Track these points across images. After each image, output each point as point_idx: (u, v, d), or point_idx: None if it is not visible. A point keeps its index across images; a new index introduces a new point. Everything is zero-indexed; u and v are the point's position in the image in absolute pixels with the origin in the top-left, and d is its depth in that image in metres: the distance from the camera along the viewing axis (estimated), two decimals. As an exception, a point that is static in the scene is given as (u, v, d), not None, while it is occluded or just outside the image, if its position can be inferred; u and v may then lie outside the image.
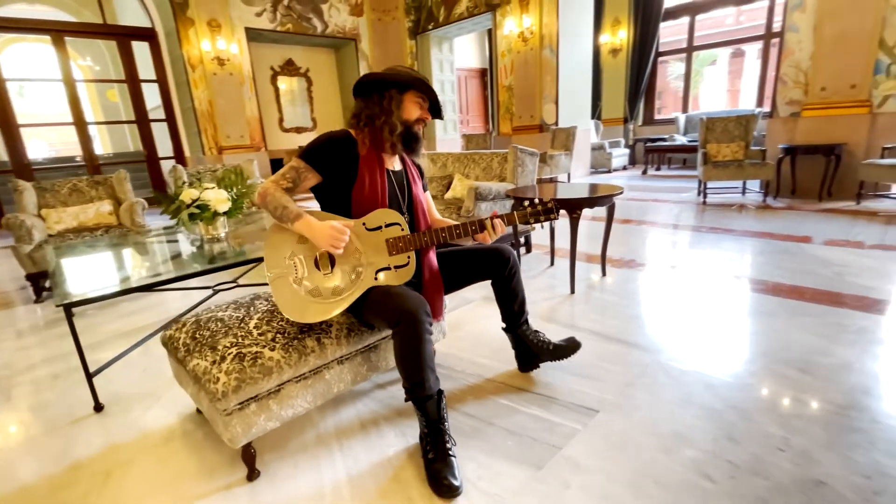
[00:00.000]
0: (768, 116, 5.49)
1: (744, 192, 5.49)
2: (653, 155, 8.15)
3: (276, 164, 8.56)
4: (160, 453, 1.50)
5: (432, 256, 1.58)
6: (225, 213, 2.53)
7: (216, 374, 1.24)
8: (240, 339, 1.35)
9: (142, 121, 7.29)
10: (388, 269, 1.44)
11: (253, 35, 7.43)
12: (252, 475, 1.34)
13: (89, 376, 1.75)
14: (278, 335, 1.38)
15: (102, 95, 10.30)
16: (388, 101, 1.44)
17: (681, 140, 8.25)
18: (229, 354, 1.29)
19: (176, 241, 2.75)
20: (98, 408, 1.76)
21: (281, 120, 8.72)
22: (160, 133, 7.49)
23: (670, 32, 10.84)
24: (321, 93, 9.19)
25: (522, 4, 7.12)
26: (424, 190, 1.67)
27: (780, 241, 3.45)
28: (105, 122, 10.31)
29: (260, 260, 2.21)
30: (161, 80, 7.24)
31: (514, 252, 1.72)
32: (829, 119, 4.79)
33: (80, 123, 6.82)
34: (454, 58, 9.29)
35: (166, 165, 7.54)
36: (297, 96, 8.89)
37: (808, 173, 4.96)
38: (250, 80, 7.42)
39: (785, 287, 2.54)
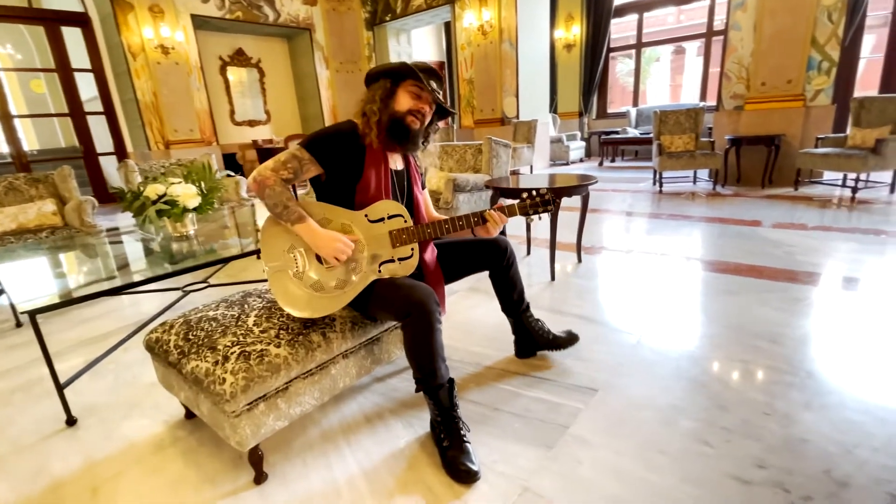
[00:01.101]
0: (714, 110, 5.85)
1: (695, 181, 5.84)
2: (608, 147, 8.48)
3: (229, 159, 8.16)
4: (151, 463, 1.41)
5: (432, 249, 1.58)
6: (194, 209, 2.40)
7: (221, 374, 1.18)
8: (241, 338, 1.29)
9: (76, 113, 6.71)
10: (391, 261, 1.42)
11: (200, 22, 7.02)
12: (260, 478, 1.28)
13: (60, 388, 1.61)
14: (282, 331, 1.33)
15: (26, 87, 9.37)
16: (381, 91, 1.40)
17: (633, 133, 8.62)
18: (232, 354, 1.23)
19: (136, 241, 2.57)
20: (70, 421, 1.62)
21: (232, 112, 8.31)
22: (97, 127, 6.93)
23: (619, 30, 11.27)
24: (275, 84, 8.83)
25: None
26: (423, 188, 1.65)
27: (733, 225, 3.70)
28: (33, 116, 9.40)
29: (231, 259, 2.13)
30: (97, 70, 6.70)
31: (510, 243, 1.74)
32: (769, 112, 5.17)
33: (6, 117, 6.19)
34: (412, 50, 9.21)
35: (105, 162, 7.01)
36: (249, 88, 8.50)
37: (752, 162, 5.34)
38: (198, 70, 7.01)
39: (744, 267, 2.73)
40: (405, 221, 1.44)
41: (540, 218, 1.55)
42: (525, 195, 1.51)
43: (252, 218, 3.28)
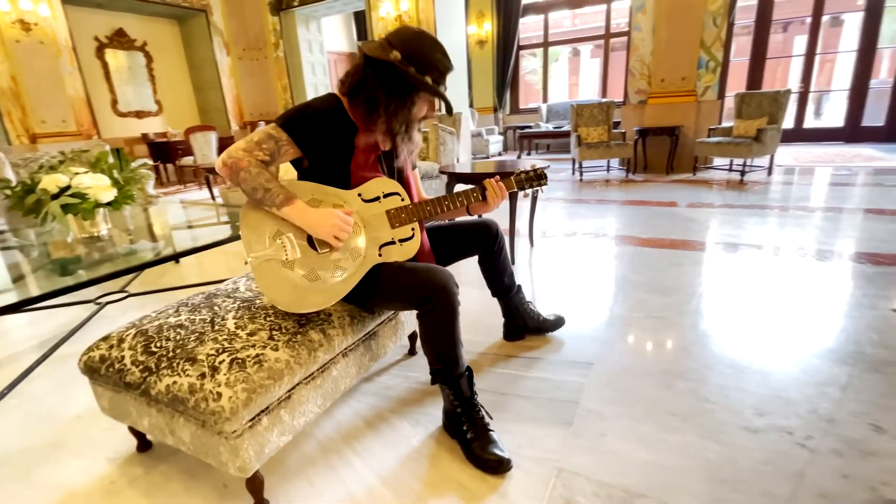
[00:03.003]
0: (621, 104, 6.36)
1: (608, 170, 6.30)
2: (525, 140, 8.84)
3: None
4: (107, 512, 1.13)
5: (423, 233, 1.46)
6: (108, 204, 2.00)
7: (214, 389, 0.96)
8: (226, 344, 1.08)
9: None
10: (392, 243, 1.29)
11: (69, -5, 5.99)
12: (261, 506, 1.09)
13: (-49, 436, 1.22)
14: (275, 332, 1.14)
15: None
16: (409, 103, 1.23)
17: (546, 127, 9.09)
18: (221, 363, 1.02)
19: (16, 246, 2.09)
20: (-30, 478, 1.25)
21: (115, 102, 7.23)
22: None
23: (525, 29, 11.81)
24: (166, 70, 7.85)
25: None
26: (413, 168, 1.52)
27: (655, 206, 4.05)
28: None
29: (152, 264, 1.82)
30: (-74, 45, 5.39)
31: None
32: (669, 106, 5.74)
33: None
34: (322, 38, 8.76)
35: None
36: (136, 74, 7.45)
37: (656, 151, 5.89)
38: (69, 51, 5.97)
39: (678, 242, 2.98)
40: (402, 200, 1.31)
41: (532, 193, 1.52)
42: (519, 171, 1.48)
43: (165, 218, 2.85)
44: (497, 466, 1.15)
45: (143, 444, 1.32)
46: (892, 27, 7.19)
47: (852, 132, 7.32)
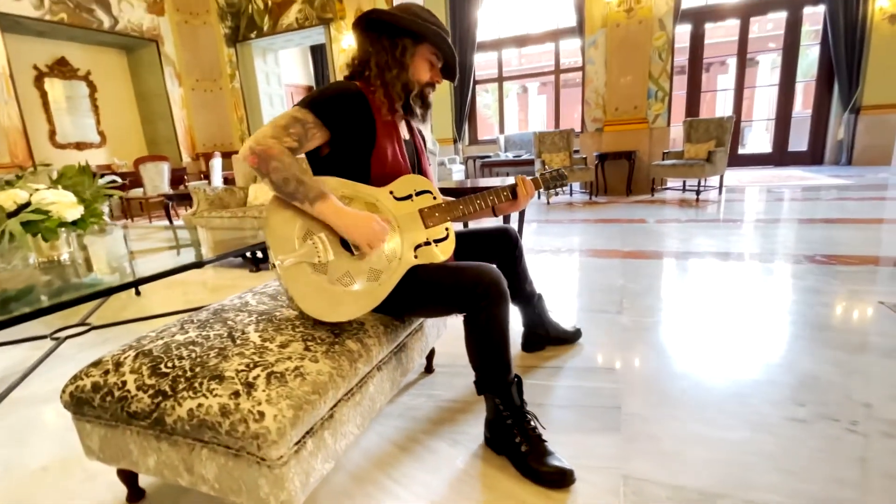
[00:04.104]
0: (579, 133, 6.68)
1: (571, 193, 6.52)
2: (486, 168, 9.05)
3: (51, 191, 6.50)
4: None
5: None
6: (73, 224, 1.77)
7: (253, 408, 0.82)
8: (256, 358, 0.93)
9: None
10: (427, 244, 1.20)
11: (9, 23, 5.57)
12: (300, 550, 0.92)
13: None
14: (309, 343, 1.00)
15: None
16: (400, 51, 1.18)
17: (505, 156, 9.37)
18: (256, 378, 0.87)
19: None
20: None
21: (53, 133, 6.70)
22: None
23: (478, 65, 12.33)
24: (110, 101, 7.42)
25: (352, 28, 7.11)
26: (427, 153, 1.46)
27: (626, 223, 4.19)
28: None
29: (118, 289, 1.61)
30: None
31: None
32: (624, 132, 6.08)
33: None
34: (280, 70, 8.68)
35: None
36: (77, 104, 6.98)
37: (615, 175, 6.18)
38: (6, 79, 5.51)
39: (662, 252, 3.07)
40: (434, 198, 1.24)
41: (557, 193, 1.50)
42: (542, 171, 1.46)
43: (124, 244, 2.58)
44: (559, 480, 1.05)
45: (135, 493, 1.10)
46: (803, 63, 8.12)
47: (780, 157, 8.07)
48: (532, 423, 1.15)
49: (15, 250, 1.78)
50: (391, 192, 1.19)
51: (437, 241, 1.22)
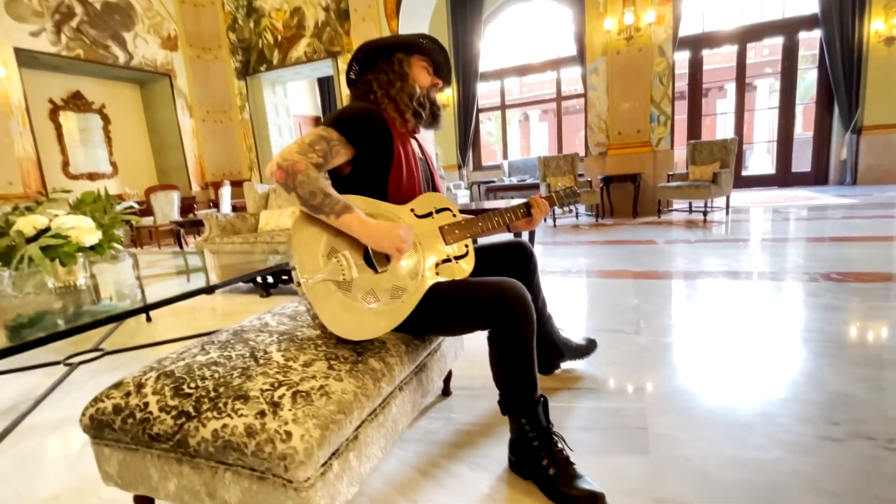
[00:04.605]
0: (583, 158, 6.76)
1: (577, 216, 6.54)
2: (491, 193, 9.14)
3: (63, 220, 6.59)
4: None
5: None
6: (92, 248, 1.78)
7: (280, 427, 0.80)
8: (281, 378, 0.92)
9: None
10: (448, 260, 1.20)
11: (27, 59, 5.79)
12: (325, 580, 0.88)
13: None
14: (332, 362, 0.99)
15: None
16: (398, 65, 1.25)
17: (509, 180, 9.47)
18: (282, 398, 0.86)
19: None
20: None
21: (66, 164, 6.84)
22: None
23: (481, 94, 12.64)
24: (123, 133, 7.60)
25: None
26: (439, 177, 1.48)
27: (636, 245, 4.18)
28: None
29: (128, 315, 1.61)
30: None
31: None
32: (628, 156, 6.15)
33: None
34: (289, 102, 8.90)
35: None
36: (90, 136, 7.16)
37: (621, 197, 6.21)
38: (22, 112, 5.68)
39: (674, 273, 3.05)
40: (453, 216, 1.25)
41: (570, 210, 1.51)
42: (555, 189, 1.47)
43: (135, 270, 2.59)
44: (590, 502, 1.01)
45: (152, 522, 1.07)
46: (801, 86, 8.26)
47: (784, 178, 8.11)
48: (559, 444, 1.12)
49: (30, 276, 1.80)
50: (412, 210, 1.19)
51: (457, 258, 1.22)
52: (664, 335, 2.00)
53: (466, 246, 1.24)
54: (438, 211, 1.23)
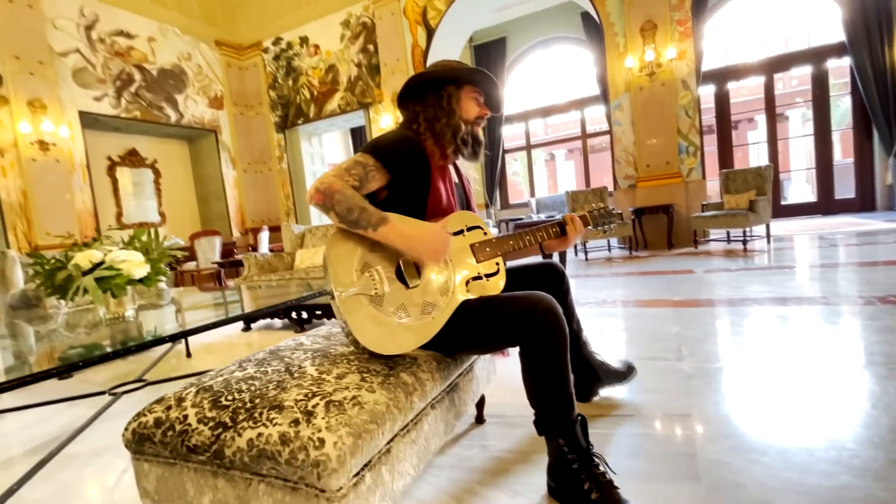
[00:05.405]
0: (611, 193, 6.73)
1: (609, 249, 6.43)
2: (519, 230, 9.16)
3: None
4: None
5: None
6: (141, 281, 1.89)
7: (313, 435, 0.80)
8: (314, 389, 0.93)
9: None
10: (479, 278, 1.20)
11: (89, 121, 6.40)
12: None
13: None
14: (364, 375, 0.99)
15: None
16: (447, 100, 1.27)
17: (538, 217, 9.47)
18: (315, 407, 0.86)
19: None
20: None
21: (120, 214, 7.35)
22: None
23: (507, 136, 12.97)
24: (172, 185, 8.16)
25: (394, 101, 7.72)
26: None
27: (672, 275, 4.05)
28: None
29: (168, 340, 1.67)
30: (-58, 169, 5.56)
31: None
32: (658, 187, 6.08)
33: None
34: (324, 151, 9.38)
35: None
36: (143, 189, 7.71)
37: (654, 229, 6.09)
38: (83, 168, 6.21)
39: (715, 300, 2.92)
40: (485, 234, 1.26)
41: (605, 231, 1.49)
42: (589, 208, 1.47)
43: (177, 304, 2.70)
44: (638, 529, 0.94)
45: (185, 545, 1.06)
46: (836, 114, 8.07)
47: (827, 205, 7.78)
48: (601, 467, 1.06)
49: (82, 315, 1.90)
50: (444, 227, 1.22)
51: (488, 276, 1.22)
52: (710, 361, 1.90)
53: (497, 264, 1.25)
54: (470, 229, 1.25)
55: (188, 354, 2.91)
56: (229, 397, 0.96)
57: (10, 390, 1.00)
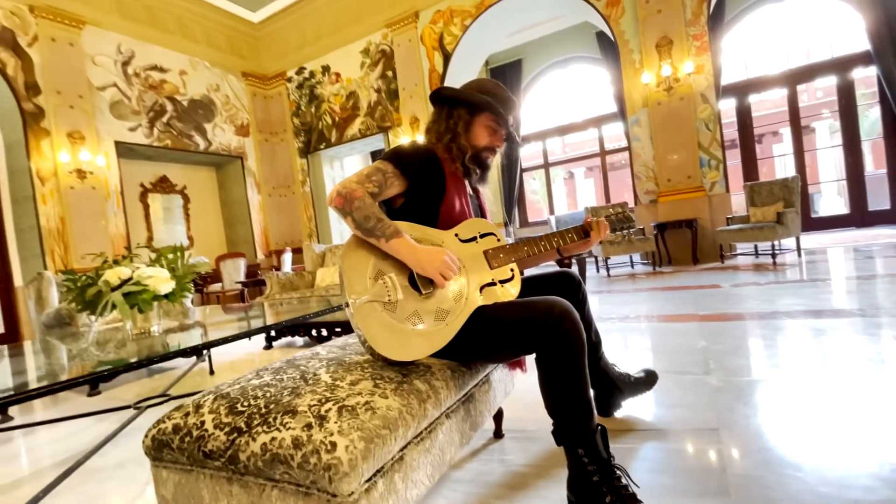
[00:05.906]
0: (632, 209, 6.64)
1: (632, 265, 6.31)
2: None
3: (144, 289, 7.23)
4: None
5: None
6: (166, 297, 1.95)
7: (325, 439, 0.79)
8: (328, 394, 0.93)
9: (-49, 246, 5.67)
10: (493, 284, 1.20)
11: (124, 150, 6.72)
12: None
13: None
14: (378, 381, 0.99)
15: None
16: (454, 121, 1.30)
17: (558, 236, 9.42)
18: (328, 412, 0.86)
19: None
20: None
21: (150, 239, 7.63)
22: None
23: (525, 154, 13.03)
24: (200, 210, 8.44)
25: (412, 124, 7.89)
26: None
27: (698, 290, 3.93)
28: None
29: (189, 352, 1.69)
30: (-11, 197, 5.91)
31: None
32: (680, 201, 5.97)
33: None
34: (345, 174, 9.59)
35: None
36: (172, 214, 8.01)
37: (678, 243, 5.96)
38: (118, 195, 6.50)
39: (743, 314, 2.81)
40: (498, 240, 1.26)
41: (625, 236, 1.48)
42: (607, 213, 1.46)
43: (201, 320, 2.76)
44: (665, 546, 0.89)
45: (201, 556, 1.06)
46: (864, 124, 7.84)
47: (861, 217, 7.49)
48: (623, 479, 1.01)
49: (112, 333, 1.95)
50: (456, 235, 1.22)
51: (502, 282, 1.21)
52: (739, 375, 1.82)
53: (511, 270, 1.24)
54: (483, 235, 1.25)
55: (211, 372, 2.95)
56: (245, 403, 0.96)
57: (33, 400, 1.04)
